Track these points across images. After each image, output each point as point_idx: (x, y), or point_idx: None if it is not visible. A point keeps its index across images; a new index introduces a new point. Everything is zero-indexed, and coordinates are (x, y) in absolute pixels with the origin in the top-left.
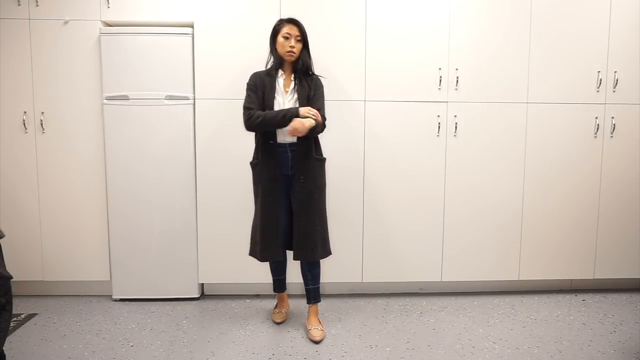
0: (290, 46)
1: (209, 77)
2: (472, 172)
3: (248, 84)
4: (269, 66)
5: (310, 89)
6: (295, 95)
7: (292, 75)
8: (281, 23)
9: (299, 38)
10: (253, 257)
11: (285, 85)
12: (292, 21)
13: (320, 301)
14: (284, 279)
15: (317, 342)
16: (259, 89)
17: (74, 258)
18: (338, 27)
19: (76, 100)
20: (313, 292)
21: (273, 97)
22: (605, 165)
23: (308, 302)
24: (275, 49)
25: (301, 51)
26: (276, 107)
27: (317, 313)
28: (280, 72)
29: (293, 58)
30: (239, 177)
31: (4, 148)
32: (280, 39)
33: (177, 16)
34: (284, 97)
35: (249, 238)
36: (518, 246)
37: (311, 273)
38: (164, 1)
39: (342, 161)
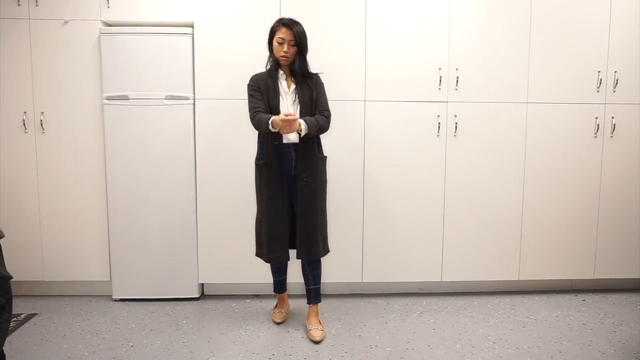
0: (284, 51)
1: (209, 77)
2: (472, 172)
3: (250, 85)
4: (268, 66)
5: (312, 90)
6: (296, 98)
7: (292, 77)
8: (278, 25)
9: (292, 43)
10: (259, 257)
11: (287, 86)
12: (287, 25)
13: (320, 301)
14: (285, 279)
15: (317, 342)
16: (263, 91)
17: (74, 258)
18: (338, 29)
19: (76, 100)
20: (314, 293)
21: (278, 99)
22: (606, 165)
23: (308, 302)
24: (271, 50)
25: (295, 55)
26: (282, 108)
27: (317, 313)
28: (280, 72)
29: (287, 62)
30: (239, 177)
31: (4, 148)
32: (275, 43)
33: (177, 16)
34: (286, 98)
35: (253, 238)
36: (518, 246)
37: (312, 273)
38: (164, 1)
39: (342, 161)
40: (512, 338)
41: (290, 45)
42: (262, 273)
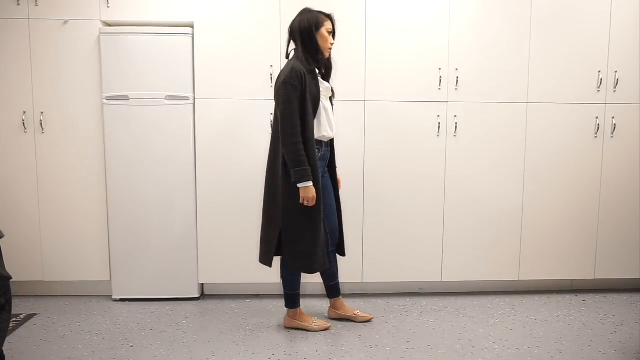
0: (332, 43)
1: (208, 77)
2: (472, 172)
3: (294, 85)
4: (290, 57)
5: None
6: (333, 95)
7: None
8: (320, 15)
9: (333, 36)
10: (307, 272)
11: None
12: (331, 17)
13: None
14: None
15: (371, 320)
16: (307, 93)
17: (74, 258)
18: (339, 29)
19: (76, 100)
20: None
21: (319, 102)
22: (606, 165)
23: (337, 295)
24: (316, 42)
25: None
26: (323, 113)
27: None
28: (316, 71)
29: (329, 55)
30: (239, 177)
31: (4, 148)
32: (325, 32)
33: (177, 16)
34: (327, 102)
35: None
36: (518, 246)
37: (336, 266)
38: (163, 1)
39: (342, 161)
40: (512, 338)
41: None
42: (262, 273)
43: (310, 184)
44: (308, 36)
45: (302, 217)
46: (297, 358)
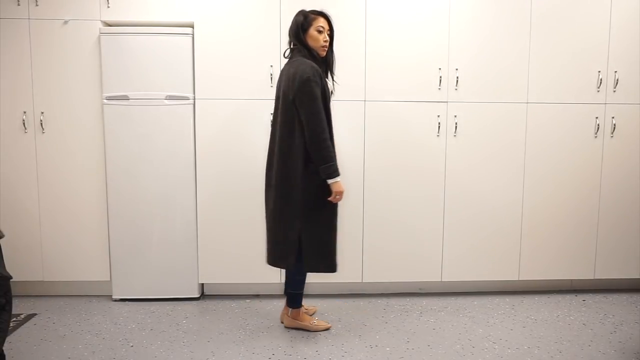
0: (325, 40)
1: (209, 77)
2: (472, 172)
3: (317, 82)
4: (289, 57)
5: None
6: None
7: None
8: (309, 15)
9: (328, 32)
10: (331, 271)
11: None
12: (324, 14)
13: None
14: None
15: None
16: (326, 91)
17: (74, 258)
18: (339, 29)
19: (76, 100)
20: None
21: (329, 102)
22: (606, 165)
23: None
24: (307, 44)
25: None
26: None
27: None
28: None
29: (325, 53)
30: (239, 177)
31: (3, 148)
32: (314, 32)
33: (177, 16)
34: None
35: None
36: (518, 246)
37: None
38: (164, 1)
39: (342, 161)
40: (512, 338)
41: (327, 36)
42: (262, 273)
43: (340, 178)
44: (299, 39)
45: (325, 216)
46: (297, 358)
